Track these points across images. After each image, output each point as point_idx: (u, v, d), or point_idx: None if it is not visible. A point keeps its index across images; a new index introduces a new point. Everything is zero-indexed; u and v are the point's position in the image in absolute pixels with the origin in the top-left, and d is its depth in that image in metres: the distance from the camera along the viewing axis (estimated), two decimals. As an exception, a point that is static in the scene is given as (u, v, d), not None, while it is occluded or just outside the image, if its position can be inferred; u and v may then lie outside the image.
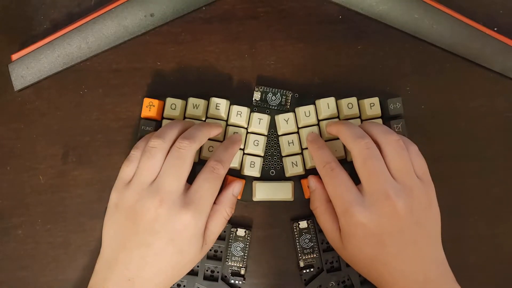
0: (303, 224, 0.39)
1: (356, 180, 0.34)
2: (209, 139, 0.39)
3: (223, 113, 0.39)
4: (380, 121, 0.40)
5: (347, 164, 0.39)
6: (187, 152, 0.33)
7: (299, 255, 0.39)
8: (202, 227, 0.33)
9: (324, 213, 0.36)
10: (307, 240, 0.39)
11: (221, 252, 0.38)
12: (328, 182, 0.35)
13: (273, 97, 0.41)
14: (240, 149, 0.39)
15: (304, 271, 0.38)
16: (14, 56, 0.41)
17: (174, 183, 0.32)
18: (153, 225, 0.31)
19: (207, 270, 0.38)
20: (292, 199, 0.39)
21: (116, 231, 0.33)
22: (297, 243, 0.39)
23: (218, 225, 0.35)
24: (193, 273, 0.38)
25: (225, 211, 0.36)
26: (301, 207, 0.40)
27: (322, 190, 0.36)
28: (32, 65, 0.41)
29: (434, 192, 0.34)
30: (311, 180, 0.37)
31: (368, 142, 0.34)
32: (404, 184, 0.33)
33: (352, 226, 0.33)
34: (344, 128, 0.35)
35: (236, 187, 0.37)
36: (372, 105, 0.40)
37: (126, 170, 0.35)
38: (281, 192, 0.39)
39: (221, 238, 0.38)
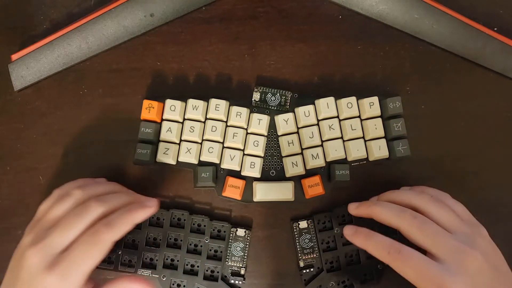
0: (303, 224, 0.39)
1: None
2: (210, 141, 0.39)
3: (222, 114, 0.39)
4: (379, 120, 0.40)
5: (347, 163, 0.39)
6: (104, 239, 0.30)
7: (299, 255, 0.39)
8: None
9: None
10: (307, 240, 0.39)
11: (221, 252, 0.38)
12: (402, 267, 0.31)
13: (273, 98, 0.41)
14: (240, 149, 0.39)
15: (304, 271, 0.38)
16: (14, 56, 0.41)
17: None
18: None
19: (207, 270, 0.38)
20: (292, 199, 0.39)
21: (7, 275, 0.31)
22: (297, 243, 0.39)
23: None
24: (193, 273, 0.38)
25: None
26: (301, 207, 0.40)
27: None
28: (32, 65, 0.41)
29: (486, 231, 0.34)
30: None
31: (411, 212, 0.33)
32: (463, 233, 0.32)
33: None
34: (379, 209, 0.34)
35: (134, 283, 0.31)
36: (371, 105, 0.40)
37: (42, 209, 0.33)
38: (281, 192, 0.39)
39: (221, 238, 0.39)
